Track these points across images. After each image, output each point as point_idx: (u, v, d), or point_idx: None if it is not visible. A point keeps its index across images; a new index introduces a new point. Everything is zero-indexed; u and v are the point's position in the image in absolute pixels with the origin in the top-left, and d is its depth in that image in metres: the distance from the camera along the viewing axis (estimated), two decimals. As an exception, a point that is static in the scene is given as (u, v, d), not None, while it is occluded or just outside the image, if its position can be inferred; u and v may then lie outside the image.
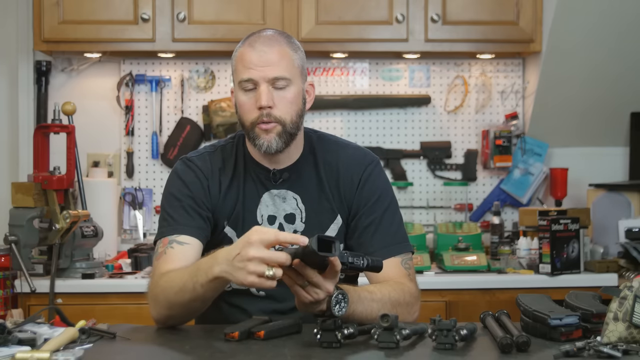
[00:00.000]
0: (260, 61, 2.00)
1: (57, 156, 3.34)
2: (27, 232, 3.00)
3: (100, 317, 2.16)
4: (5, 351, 1.61)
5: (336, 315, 1.75)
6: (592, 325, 1.77)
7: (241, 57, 2.03)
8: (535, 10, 3.56)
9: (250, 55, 2.01)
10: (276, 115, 2.01)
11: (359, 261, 1.78)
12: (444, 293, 3.20)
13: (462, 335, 1.70)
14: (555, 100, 3.76)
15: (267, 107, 2.00)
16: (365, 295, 1.93)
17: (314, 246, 1.66)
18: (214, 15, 3.51)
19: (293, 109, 2.04)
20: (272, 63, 2.01)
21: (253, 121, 2.02)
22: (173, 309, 1.92)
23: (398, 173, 3.85)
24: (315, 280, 1.74)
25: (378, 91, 3.88)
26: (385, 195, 2.13)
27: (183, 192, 2.07)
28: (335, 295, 1.77)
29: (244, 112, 2.04)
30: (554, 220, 3.18)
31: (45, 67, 3.72)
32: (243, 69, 2.02)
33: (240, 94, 2.04)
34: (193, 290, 1.85)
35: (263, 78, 2.00)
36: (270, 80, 2.00)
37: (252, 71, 2.00)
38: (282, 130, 2.02)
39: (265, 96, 1.99)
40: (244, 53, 2.03)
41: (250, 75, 2.01)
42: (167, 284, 1.93)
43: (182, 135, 3.78)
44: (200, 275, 1.82)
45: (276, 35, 2.06)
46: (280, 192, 2.10)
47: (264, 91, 2.00)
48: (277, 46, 2.03)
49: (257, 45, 2.02)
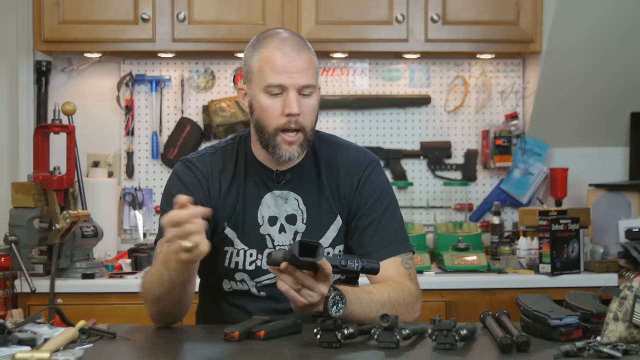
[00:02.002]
0: (291, 67, 1.98)
1: (57, 156, 3.34)
2: (27, 232, 3.00)
3: (100, 317, 2.16)
4: (5, 351, 1.62)
5: (333, 317, 1.75)
6: (592, 325, 1.77)
7: (269, 60, 1.99)
8: (535, 10, 3.55)
9: (281, 60, 1.98)
10: (302, 123, 2.00)
11: (353, 263, 1.79)
12: (444, 293, 3.20)
13: (462, 335, 1.70)
14: (555, 100, 3.76)
15: (297, 115, 1.99)
16: (364, 296, 1.93)
17: (295, 251, 1.68)
18: (214, 15, 3.51)
19: (315, 115, 2.05)
20: (302, 70, 1.99)
21: (278, 127, 2.00)
22: (161, 303, 1.93)
23: (398, 173, 3.85)
24: (307, 283, 1.75)
25: (378, 91, 3.87)
26: (385, 195, 2.13)
27: (182, 194, 2.07)
28: (332, 296, 1.76)
29: (267, 117, 2.01)
30: (554, 220, 3.18)
31: (45, 67, 3.72)
32: (272, 73, 1.98)
33: (265, 97, 2.00)
34: (169, 277, 1.86)
35: (293, 85, 1.98)
36: (300, 87, 1.99)
37: (282, 76, 1.98)
38: (304, 139, 2.02)
39: (296, 103, 1.98)
40: (273, 57, 1.99)
41: (280, 81, 1.98)
42: (149, 279, 1.95)
43: (182, 135, 3.78)
44: (169, 260, 1.83)
45: (300, 40, 2.04)
46: (283, 192, 2.10)
47: (293, 98, 1.98)
48: (304, 52, 2.01)
49: (287, 49, 1.99)
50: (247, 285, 2.09)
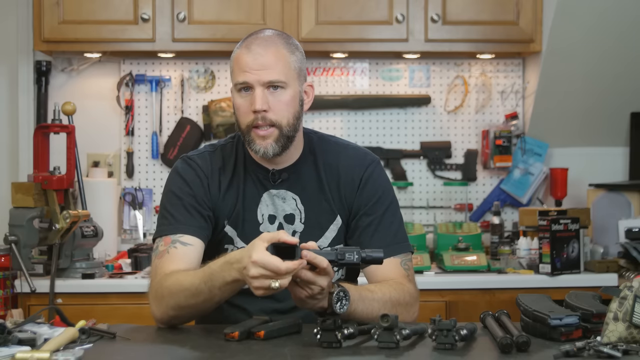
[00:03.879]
0: (255, 64, 2.00)
1: (57, 156, 3.34)
2: (27, 232, 3.00)
3: (100, 317, 2.16)
4: (5, 351, 1.61)
5: (338, 313, 1.76)
6: (592, 325, 1.77)
7: (237, 60, 2.04)
8: (535, 10, 3.55)
9: (246, 58, 2.01)
10: (272, 119, 2.01)
11: (352, 256, 1.78)
12: (444, 293, 3.20)
13: (462, 335, 1.70)
14: (555, 100, 3.76)
15: (262, 111, 2.00)
16: (367, 294, 1.93)
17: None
18: (214, 15, 3.51)
19: (289, 111, 2.03)
20: (267, 66, 2.00)
21: (249, 124, 2.02)
22: (182, 310, 1.94)
23: (398, 173, 3.85)
24: (307, 278, 1.76)
25: (378, 91, 3.87)
26: (386, 195, 2.13)
27: (184, 191, 2.07)
28: (337, 292, 1.78)
29: (239, 115, 2.04)
30: (554, 220, 3.18)
31: (45, 67, 3.72)
32: (239, 71, 2.02)
33: (237, 96, 2.04)
34: (209, 292, 1.87)
35: (258, 81, 2.00)
36: (264, 83, 2.00)
37: (247, 74, 2.00)
38: (279, 135, 2.02)
39: (260, 100, 2.00)
40: (240, 55, 2.03)
41: (245, 79, 2.01)
42: (175, 287, 1.93)
43: (182, 135, 3.78)
44: (217, 280, 1.84)
45: (273, 37, 2.05)
46: (280, 192, 2.10)
47: (258, 95, 2.00)
48: (272, 48, 2.02)
49: (253, 47, 2.02)
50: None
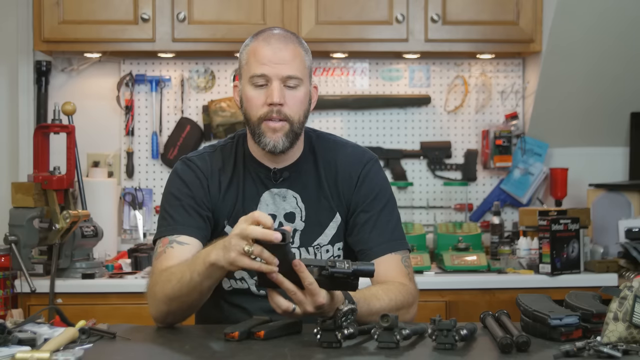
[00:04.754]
0: (275, 58, 2.00)
1: (57, 156, 3.34)
2: (27, 232, 3.00)
3: (100, 317, 2.16)
4: (5, 351, 1.61)
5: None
6: (592, 325, 1.77)
7: (254, 51, 2.02)
8: (535, 10, 3.55)
9: (265, 51, 2.01)
10: (286, 113, 2.01)
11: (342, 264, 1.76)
12: (444, 293, 3.20)
13: (462, 335, 1.70)
14: (555, 100, 3.76)
15: (279, 105, 2.00)
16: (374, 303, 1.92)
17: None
18: (214, 15, 3.51)
19: (302, 108, 2.04)
20: (286, 61, 2.01)
21: (261, 116, 2.02)
22: (171, 303, 1.93)
23: (398, 173, 3.85)
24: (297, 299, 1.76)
25: (378, 91, 3.87)
26: (383, 192, 2.14)
27: (183, 192, 2.08)
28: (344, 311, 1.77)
29: (251, 107, 2.03)
30: (554, 220, 3.18)
31: (45, 67, 3.72)
32: (256, 63, 2.01)
33: (250, 88, 2.03)
34: (190, 280, 1.87)
35: (276, 75, 2.00)
36: (283, 78, 2.01)
37: (266, 67, 2.00)
38: (290, 130, 2.03)
39: (278, 93, 1.99)
40: (259, 48, 2.02)
41: (263, 71, 2.00)
42: (165, 278, 1.94)
43: (182, 135, 3.78)
44: (198, 264, 1.85)
45: (289, 35, 2.07)
46: (281, 191, 2.10)
47: (276, 88, 2.00)
48: (291, 45, 2.03)
49: (273, 41, 2.02)
50: (246, 283, 2.09)
